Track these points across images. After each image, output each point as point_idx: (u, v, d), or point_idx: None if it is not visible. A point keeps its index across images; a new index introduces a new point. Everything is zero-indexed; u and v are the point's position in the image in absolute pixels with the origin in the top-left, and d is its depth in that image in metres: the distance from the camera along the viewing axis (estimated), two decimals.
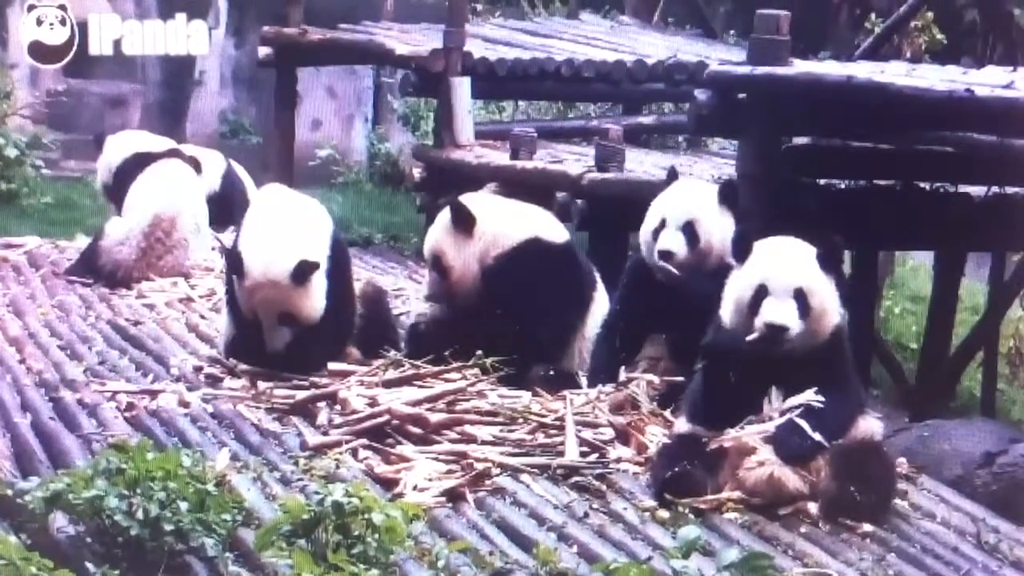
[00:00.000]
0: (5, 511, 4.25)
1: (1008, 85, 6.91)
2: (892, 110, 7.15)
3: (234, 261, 6.02)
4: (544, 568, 4.24)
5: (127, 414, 5.55)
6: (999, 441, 6.08)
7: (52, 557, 3.82)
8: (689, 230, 5.88)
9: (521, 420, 5.53)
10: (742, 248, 5.19)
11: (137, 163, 8.37)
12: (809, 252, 5.20)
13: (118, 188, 8.38)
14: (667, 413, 5.56)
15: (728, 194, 6.01)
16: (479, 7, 14.06)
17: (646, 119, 11.73)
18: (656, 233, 5.95)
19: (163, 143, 8.73)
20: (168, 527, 4.00)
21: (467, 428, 5.42)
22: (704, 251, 5.90)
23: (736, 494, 4.88)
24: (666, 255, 5.88)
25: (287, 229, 6.09)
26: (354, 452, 5.21)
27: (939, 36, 11.32)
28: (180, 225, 8.14)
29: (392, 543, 4.07)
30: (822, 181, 8.22)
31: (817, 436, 4.87)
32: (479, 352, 5.90)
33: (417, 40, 10.82)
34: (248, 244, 6.04)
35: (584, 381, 6.07)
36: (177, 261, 8.12)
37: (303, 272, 5.97)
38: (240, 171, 9.55)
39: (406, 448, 5.24)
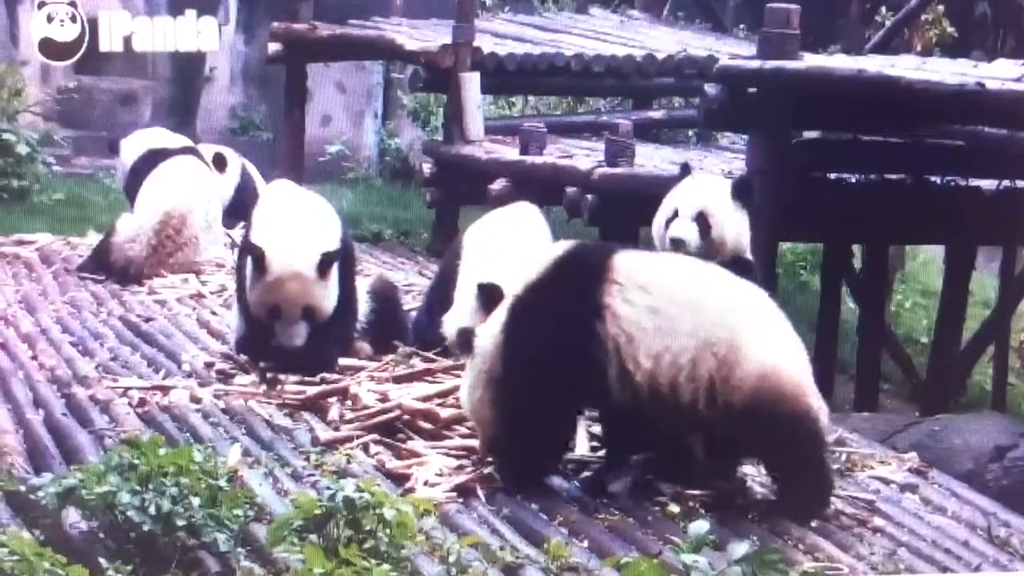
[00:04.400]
0: (18, 507, 4.26)
1: (1019, 79, 6.90)
2: (902, 104, 7.14)
3: (255, 257, 5.99)
4: (555, 563, 4.25)
5: (139, 410, 5.57)
6: (1010, 435, 6.08)
7: (65, 552, 3.83)
8: (702, 220, 5.90)
9: None
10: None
11: (150, 160, 8.39)
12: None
13: (133, 186, 8.40)
14: None
15: (742, 190, 6.02)
16: (488, 2, 14.05)
17: (656, 114, 11.71)
18: (669, 223, 5.98)
19: (178, 140, 8.75)
20: (180, 522, 4.01)
21: None
22: (716, 242, 5.90)
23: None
24: (678, 243, 5.89)
25: (304, 223, 6.09)
26: (365, 447, 5.22)
27: (950, 29, 11.29)
28: (191, 222, 8.15)
29: (403, 538, 4.08)
30: (832, 175, 8.22)
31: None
32: None
33: (427, 36, 10.82)
34: (267, 239, 6.01)
35: None
36: (188, 258, 8.13)
37: (326, 264, 5.99)
38: (251, 169, 9.57)
39: (417, 443, 5.25)
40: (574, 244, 5.05)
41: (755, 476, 5.11)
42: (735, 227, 5.92)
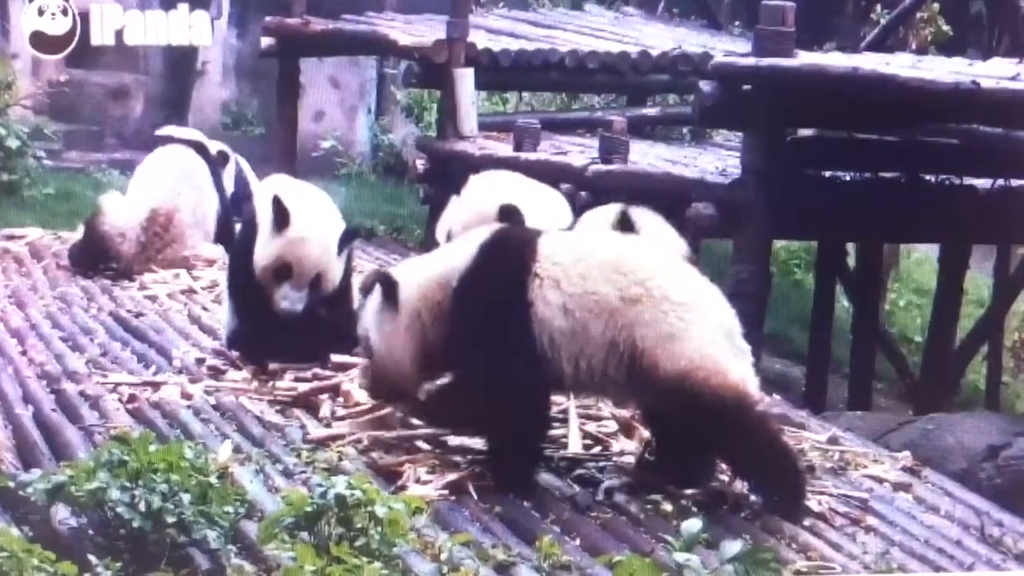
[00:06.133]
0: (7, 503, 4.24)
1: (1014, 77, 6.90)
2: (897, 102, 7.15)
3: (278, 211, 5.89)
4: (547, 561, 4.23)
5: (129, 406, 5.54)
6: (1003, 434, 6.09)
7: (54, 549, 3.81)
8: None
9: None
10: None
11: (157, 144, 8.42)
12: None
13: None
14: None
15: (622, 222, 5.84)
16: None
17: (650, 111, 11.71)
18: None
19: (182, 133, 8.75)
20: (170, 519, 3.99)
21: None
22: None
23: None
24: None
25: (322, 200, 6.12)
26: (357, 444, 5.20)
27: (945, 28, 11.30)
28: (177, 219, 8.12)
29: (395, 536, 4.06)
30: (827, 173, 8.22)
31: None
32: None
33: (420, 31, 10.81)
34: (290, 200, 5.95)
35: None
36: (176, 253, 8.10)
37: (346, 240, 6.00)
38: (244, 164, 9.54)
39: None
40: (498, 232, 4.94)
41: None
42: None
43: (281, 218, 5.91)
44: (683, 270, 4.84)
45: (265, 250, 5.94)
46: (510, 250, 4.81)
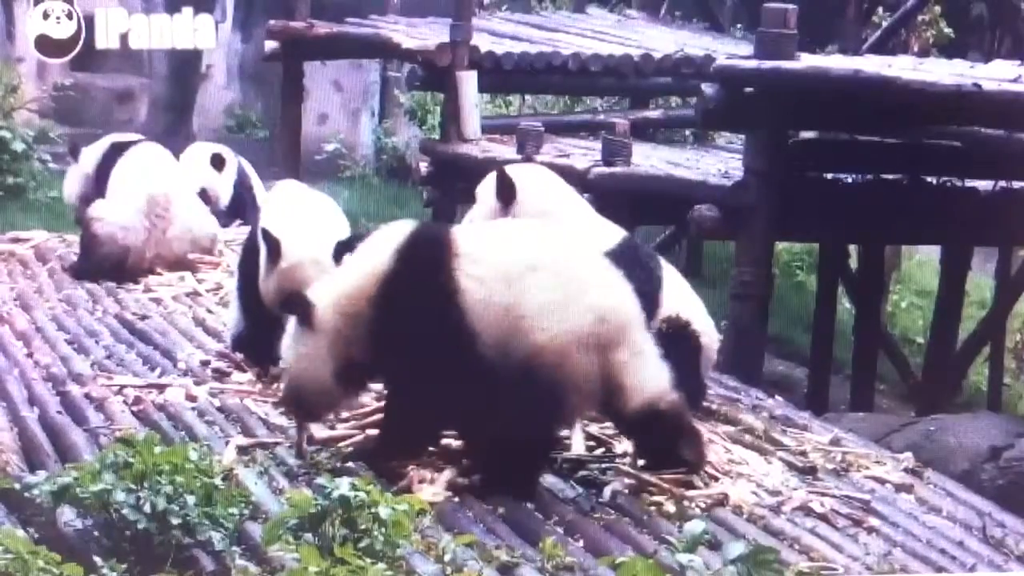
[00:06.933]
0: (13, 505, 4.25)
1: (1016, 79, 6.92)
2: (899, 104, 7.17)
3: (270, 245, 5.97)
4: (550, 562, 4.25)
5: (134, 408, 5.56)
6: (1005, 435, 6.10)
7: (59, 551, 3.83)
8: None
9: None
10: None
11: (114, 152, 8.43)
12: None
13: (101, 181, 8.39)
14: None
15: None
16: (486, 1, 14.06)
17: (653, 113, 11.73)
18: None
19: (136, 136, 8.80)
20: (175, 521, 4.00)
21: None
22: None
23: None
24: None
25: (316, 215, 6.14)
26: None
27: (947, 30, 11.32)
28: (176, 200, 8.15)
29: (398, 537, 4.07)
30: (829, 175, 8.24)
31: None
32: None
33: (424, 34, 10.84)
34: (282, 228, 5.98)
35: None
36: (179, 234, 8.09)
37: (341, 253, 5.99)
38: (247, 167, 9.56)
39: None
40: (410, 230, 4.95)
41: (751, 475, 5.13)
42: None
43: (273, 250, 5.96)
44: (583, 249, 4.89)
45: (267, 284, 6.00)
46: (427, 240, 4.87)
